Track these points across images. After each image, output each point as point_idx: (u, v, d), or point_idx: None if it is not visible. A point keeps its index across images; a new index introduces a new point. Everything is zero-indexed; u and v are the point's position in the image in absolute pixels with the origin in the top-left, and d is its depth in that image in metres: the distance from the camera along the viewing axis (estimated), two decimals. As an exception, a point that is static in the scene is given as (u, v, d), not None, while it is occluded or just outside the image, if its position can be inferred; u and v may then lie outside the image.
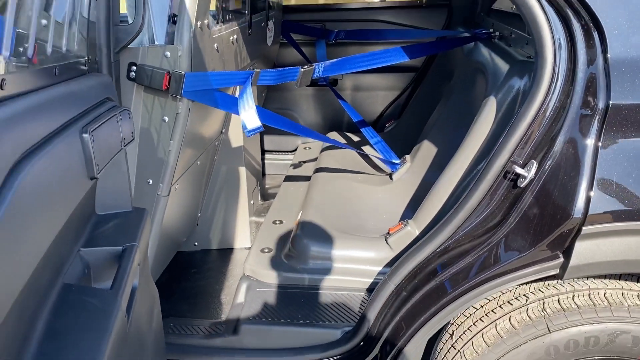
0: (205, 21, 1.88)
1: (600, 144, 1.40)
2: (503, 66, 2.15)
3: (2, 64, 0.88)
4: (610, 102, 1.39)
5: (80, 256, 1.16)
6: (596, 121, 1.41)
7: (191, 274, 2.39)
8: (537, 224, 1.48)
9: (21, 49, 0.98)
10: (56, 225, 0.96)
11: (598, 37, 1.41)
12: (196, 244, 2.60)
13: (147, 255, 1.45)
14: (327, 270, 2.08)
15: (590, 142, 1.41)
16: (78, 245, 1.17)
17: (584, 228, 1.41)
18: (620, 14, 1.39)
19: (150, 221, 1.70)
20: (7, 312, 0.75)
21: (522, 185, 1.50)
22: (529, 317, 1.56)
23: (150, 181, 1.84)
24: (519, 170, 1.50)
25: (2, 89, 0.84)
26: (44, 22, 1.10)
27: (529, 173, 1.48)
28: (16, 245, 0.80)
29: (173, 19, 1.79)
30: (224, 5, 2.34)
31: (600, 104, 1.41)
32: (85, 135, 1.07)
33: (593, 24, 1.41)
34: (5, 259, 0.76)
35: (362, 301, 1.98)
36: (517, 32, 2.26)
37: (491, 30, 2.66)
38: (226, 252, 2.60)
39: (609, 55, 1.40)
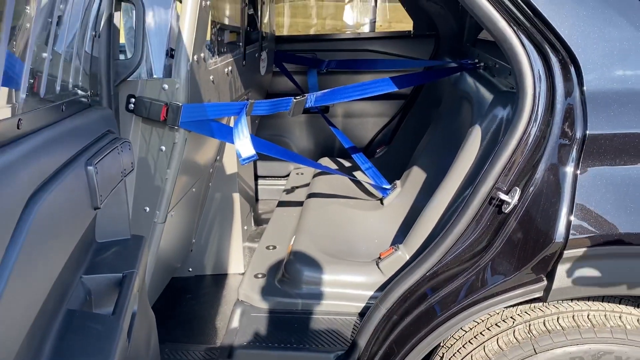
0: (202, 55, 1.96)
1: (578, 171, 1.46)
2: (487, 96, 2.23)
3: (18, 105, 0.94)
4: (587, 132, 1.46)
5: (82, 283, 1.20)
6: (574, 150, 1.47)
7: (186, 299, 2.42)
8: (521, 249, 1.53)
9: (34, 88, 1.03)
10: (65, 254, 1.01)
11: (574, 70, 1.49)
12: (190, 269, 2.62)
13: (145, 281, 1.49)
14: (319, 295, 2.11)
15: (569, 169, 1.47)
16: (80, 272, 1.22)
17: (565, 252, 1.46)
18: (594, 50, 1.47)
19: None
20: (23, 338, 0.79)
21: (506, 211, 1.54)
22: (516, 339, 1.60)
23: (147, 209, 1.88)
24: (503, 196, 1.55)
25: (18, 128, 0.90)
26: (50, 56, 1.16)
27: (512, 199, 1.53)
28: (33, 274, 0.84)
29: (171, 53, 1.86)
30: (219, 39, 2.41)
31: (578, 134, 1.47)
32: (90, 168, 1.12)
33: (570, 58, 1.49)
34: (24, 288, 0.81)
35: (354, 325, 2.01)
36: (500, 62, 2.34)
37: (476, 60, 2.75)
38: (220, 278, 2.62)
39: (584, 87, 1.47)
